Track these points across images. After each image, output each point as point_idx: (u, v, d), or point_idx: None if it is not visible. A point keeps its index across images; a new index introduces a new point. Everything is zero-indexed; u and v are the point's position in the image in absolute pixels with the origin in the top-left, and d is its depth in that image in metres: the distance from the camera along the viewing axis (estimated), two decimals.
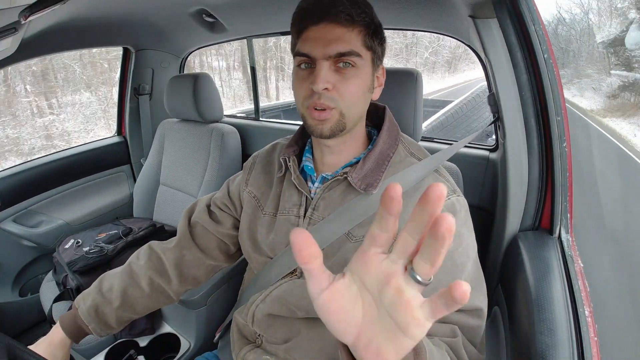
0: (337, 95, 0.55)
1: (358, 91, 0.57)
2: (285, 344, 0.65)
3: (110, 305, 0.69)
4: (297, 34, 0.58)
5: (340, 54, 0.54)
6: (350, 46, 0.54)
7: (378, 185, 0.59)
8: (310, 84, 0.55)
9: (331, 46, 0.53)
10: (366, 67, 0.57)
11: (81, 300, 0.69)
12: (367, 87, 0.58)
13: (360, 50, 0.55)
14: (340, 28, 0.54)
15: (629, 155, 2.69)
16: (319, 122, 0.56)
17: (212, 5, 1.17)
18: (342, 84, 0.55)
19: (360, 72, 0.56)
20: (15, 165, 1.41)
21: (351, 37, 0.54)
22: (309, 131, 0.59)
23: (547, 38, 0.65)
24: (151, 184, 1.49)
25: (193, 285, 0.77)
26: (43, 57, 1.52)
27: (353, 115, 0.58)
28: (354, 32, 0.54)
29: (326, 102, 0.55)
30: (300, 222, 0.64)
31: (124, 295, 0.70)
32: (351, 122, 0.58)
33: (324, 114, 0.56)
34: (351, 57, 0.54)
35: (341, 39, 0.54)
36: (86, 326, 0.68)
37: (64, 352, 0.66)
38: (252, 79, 1.61)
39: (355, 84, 0.56)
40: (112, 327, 0.70)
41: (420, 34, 11.56)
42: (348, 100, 0.56)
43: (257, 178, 0.73)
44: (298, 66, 0.58)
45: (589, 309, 0.55)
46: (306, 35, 0.56)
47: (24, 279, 1.44)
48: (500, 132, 0.84)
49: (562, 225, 0.70)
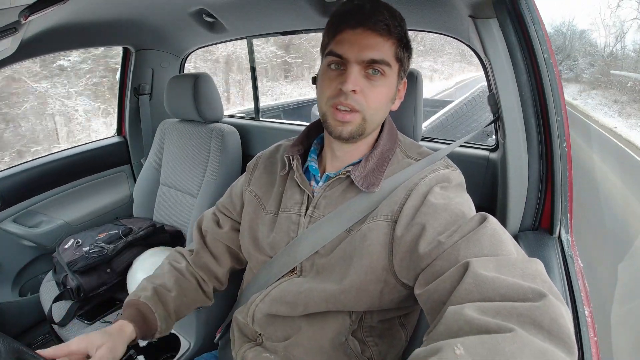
0: (363, 99, 0.57)
1: (383, 99, 0.58)
2: (285, 342, 0.65)
3: (170, 293, 0.69)
4: (333, 35, 0.59)
5: (373, 60, 0.56)
6: (384, 55, 0.56)
7: (379, 184, 0.60)
8: (339, 84, 0.56)
9: (366, 52, 0.55)
10: (393, 77, 0.59)
11: (140, 292, 0.68)
12: (391, 97, 0.60)
13: (391, 61, 0.57)
14: (377, 37, 0.56)
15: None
16: (340, 124, 0.58)
17: (212, 5, 1.17)
18: (370, 90, 0.57)
19: (388, 81, 0.58)
20: (15, 165, 1.41)
21: (385, 47, 0.56)
22: (328, 131, 0.61)
23: (547, 38, 0.65)
24: (151, 184, 1.49)
25: (218, 285, 0.79)
26: (43, 56, 1.52)
27: (374, 121, 0.60)
28: (389, 43, 0.56)
29: (352, 103, 0.56)
30: (302, 220, 0.65)
31: (178, 286, 0.71)
32: (371, 128, 0.60)
33: (348, 116, 0.57)
34: (382, 65, 0.56)
35: (376, 47, 0.55)
36: (152, 312, 0.65)
37: (123, 343, 0.60)
38: (252, 79, 1.61)
39: (382, 92, 0.58)
40: (171, 317, 0.69)
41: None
42: (372, 107, 0.57)
43: (259, 178, 0.74)
44: (328, 66, 0.59)
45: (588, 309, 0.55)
46: (341, 37, 0.57)
47: (24, 278, 1.43)
48: (500, 132, 0.84)
49: (562, 225, 0.70)
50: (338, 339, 0.62)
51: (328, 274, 0.61)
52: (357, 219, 0.60)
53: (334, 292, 0.59)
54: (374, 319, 0.63)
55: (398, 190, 0.59)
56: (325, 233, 0.61)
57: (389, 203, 0.58)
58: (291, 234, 0.65)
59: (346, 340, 0.62)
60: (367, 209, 0.60)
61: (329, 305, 0.60)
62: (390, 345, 0.65)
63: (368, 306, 0.59)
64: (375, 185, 0.59)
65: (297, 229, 0.65)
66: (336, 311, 0.61)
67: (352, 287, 0.57)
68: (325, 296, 0.59)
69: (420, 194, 0.56)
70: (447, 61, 11.46)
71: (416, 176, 0.60)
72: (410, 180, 0.59)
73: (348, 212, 0.60)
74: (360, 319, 0.62)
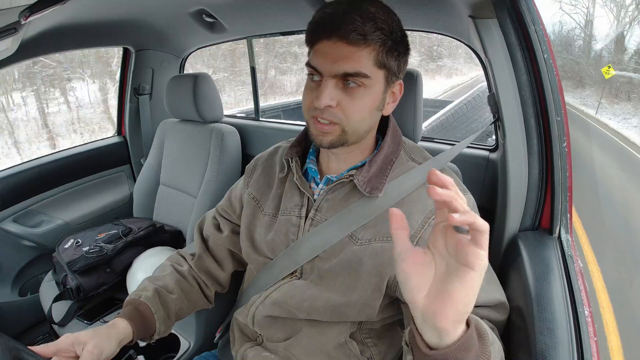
0: (340, 112, 0.54)
1: (364, 110, 0.55)
2: (285, 342, 0.65)
3: (171, 295, 0.69)
4: (311, 45, 0.56)
5: (347, 74, 0.52)
6: (359, 67, 0.52)
7: (383, 188, 0.59)
8: (315, 98, 0.54)
9: (338, 64, 0.52)
10: (376, 86, 0.55)
11: (141, 292, 0.67)
12: (375, 106, 0.57)
13: (371, 71, 0.53)
14: (350, 47, 0.51)
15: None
16: (321, 134, 0.56)
17: (212, 5, 1.17)
18: (348, 102, 0.54)
19: (369, 91, 0.54)
20: (15, 165, 1.40)
21: (361, 57, 0.52)
22: (311, 138, 0.59)
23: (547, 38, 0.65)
24: (151, 184, 1.49)
25: (219, 289, 0.80)
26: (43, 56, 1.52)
27: (357, 132, 0.57)
28: (365, 52, 0.52)
29: (329, 117, 0.54)
30: (302, 222, 0.64)
31: (179, 289, 0.71)
32: (354, 137, 0.58)
33: (326, 127, 0.55)
34: (358, 78, 0.52)
35: (349, 58, 0.51)
36: (151, 313, 0.64)
37: (113, 340, 0.58)
38: (252, 79, 1.61)
39: (362, 104, 0.54)
40: (170, 319, 0.68)
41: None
42: (352, 119, 0.55)
43: (258, 180, 0.73)
44: (309, 75, 0.57)
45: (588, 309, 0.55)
46: (317, 47, 0.54)
47: (24, 278, 1.43)
48: (500, 132, 0.84)
49: (562, 225, 0.70)
50: (338, 340, 0.62)
51: (331, 282, 0.60)
52: (360, 223, 0.59)
53: (339, 304, 0.59)
54: (374, 322, 0.63)
55: (414, 213, 0.57)
56: (327, 237, 0.60)
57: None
58: (291, 236, 0.65)
59: (345, 341, 0.62)
60: (370, 213, 0.59)
61: (333, 317, 0.60)
62: (389, 345, 0.65)
63: (368, 317, 0.60)
64: (378, 190, 0.58)
65: (297, 231, 0.64)
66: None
67: (358, 302, 0.58)
68: (330, 307, 0.59)
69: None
70: (463, 61, 12.70)
71: (431, 200, 0.58)
72: (426, 205, 0.58)
73: (350, 216, 0.60)
74: (360, 322, 0.63)
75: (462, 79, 11.80)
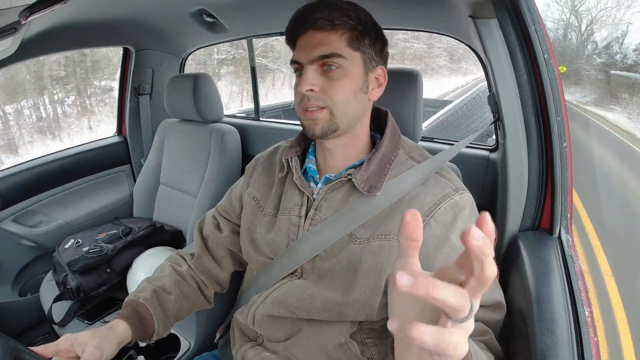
0: (324, 96, 0.57)
1: (346, 91, 0.58)
2: (285, 342, 0.66)
3: (169, 296, 0.69)
4: (293, 46, 0.61)
5: (323, 56, 0.56)
6: (332, 48, 0.56)
7: (381, 187, 0.59)
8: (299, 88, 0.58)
9: (314, 50, 0.56)
10: (355, 68, 0.58)
11: (140, 293, 0.67)
12: (357, 88, 0.59)
13: (345, 52, 0.57)
14: (322, 33, 0.57)
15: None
16: (312, 122, 0.59)
17: (212, 5, 1.17)
18: (329, 85, 0.57)
19: (348, 72, 0.58)
20: (15, 165, 1.40)
21: (333, 40, 0.57)
22: (305, 132, 0.62)
23: (547, 38, 0.65)
24: (151, 184, 1.49)
25: (219, 289, 0.80)
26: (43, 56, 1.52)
27: (345, 114, 0.59)
28: (336, 35, 0.57)
29: (315, 102, 0.57)
30: (301, 222, 0.64)
31: (178, 289, 0.71)
32: (344, 122, 0.59)
33: (315, 114, 0.58)
34: (333, 58, 0.56)
35: (323, 43, 0.56)
36: (150, 314, 0.64)
37: (113, 341, 0.58)
38: (252, 79, 1.62)
39: (343, 85, 0.58)
40: (169, 320, 0.68)
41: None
42: (337, 101, 0.57)
43: (257, 180, 0.74)
44: (295, 72, 0.61)
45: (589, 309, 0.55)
46: (297, 44, 0.59)
47: (24, 278, 1.43)
48: (500, 132, 0.84)
49: (562, 225, 0.70)
50: (338, 340, 0.62)
51: (331, 281, 0.61)
52: (359, 222, 0.59)
53: (338, 303, 0.59)
54: (374, 322, 0.63)
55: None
56: (326, 236, 0.61)
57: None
58: (291, 236, 0.65)
59: (345, 341, 0.62)
60: (369, 212, 0.59)
61: (332, 316, 0.60)
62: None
63: (368, 316, 0.60)
64: (376, 188, 0.59)
65: (297, 230, 0.65)
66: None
67: (357, 301, 0.58)
68: (329, 306, 0.60)
69: (440, 224, 0.57)
70: (472, 62, 14.59)
71: (429, 199, 0.58)
72: (423, 204, 0.58)
73: (349, 215, 0.60)
74: (360, 322, 0.63)
75: (472, 77, 13.70)
